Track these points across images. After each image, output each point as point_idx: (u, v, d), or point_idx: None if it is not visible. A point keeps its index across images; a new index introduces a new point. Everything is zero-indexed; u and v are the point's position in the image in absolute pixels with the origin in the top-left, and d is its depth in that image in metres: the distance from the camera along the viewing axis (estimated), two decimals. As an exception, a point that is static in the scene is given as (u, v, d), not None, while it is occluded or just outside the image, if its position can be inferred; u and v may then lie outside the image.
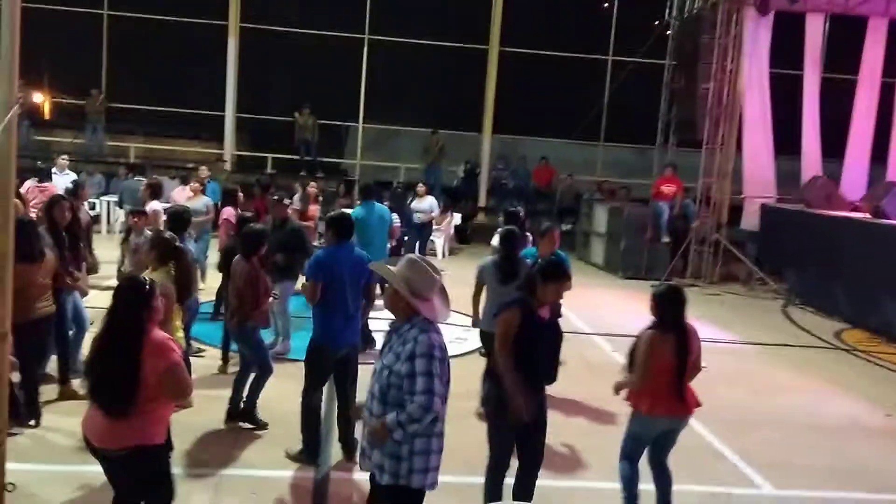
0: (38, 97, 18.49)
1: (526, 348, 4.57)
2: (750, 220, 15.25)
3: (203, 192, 11.30)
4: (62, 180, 12.23)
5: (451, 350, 7.81)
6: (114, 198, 14.65)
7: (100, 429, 3.72)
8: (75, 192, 8.65)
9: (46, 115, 19.69)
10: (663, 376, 4.76)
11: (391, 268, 3.78)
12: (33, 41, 3.99)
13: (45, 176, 12.18)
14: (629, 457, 5.02)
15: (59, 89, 19.00)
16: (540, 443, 4.79)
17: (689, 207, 15.28)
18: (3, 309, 4.03)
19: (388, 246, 9.82)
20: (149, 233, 7.46)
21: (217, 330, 8.07)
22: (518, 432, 4.67)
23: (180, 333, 5.77)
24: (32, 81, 18.29)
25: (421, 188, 14.39)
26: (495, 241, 8.55)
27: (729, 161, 15.24)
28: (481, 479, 4.83)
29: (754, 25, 14.74)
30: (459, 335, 9.21)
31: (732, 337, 10.64)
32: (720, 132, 14.90)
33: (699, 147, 15.19)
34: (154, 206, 9.35)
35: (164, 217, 8.05)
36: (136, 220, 8.44)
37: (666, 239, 14.92)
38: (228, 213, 9.62)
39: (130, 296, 3.75)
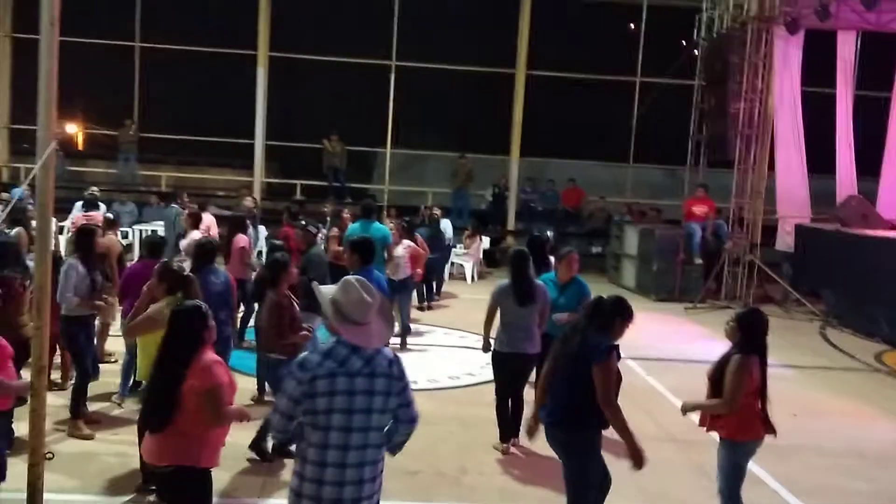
0: (72, 128, 18.82)
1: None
2: (784, 240, 15.01)
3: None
4: (93, 212, 12.38)
5: (483, 375, 7.76)
6: (147, 226, 14.86)
7: (148, 444, 3.96)
8: (112, 223, 8.95)
9: (80, 147, 20.04)
10: (750, 399, 4.73)
11: (325, 289, 3.65)
12: (66, 73, 4.04)
13: (91, 205, 12.39)
14: (735, 494, 4.84)
15: (93, 120, 19.35)
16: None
17: (722, 228, 15.09)
18: (43, 340, 4.08)
19: (408, 272, 9.82)
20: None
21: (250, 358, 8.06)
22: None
23: None
24: (66, 113, 18.66)
25: (437, 211, 14.43)
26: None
27: (761, 181, 15.04)
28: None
29: (784, 44, 14.59)
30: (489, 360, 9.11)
31: (769, 360, 10.38)
32: (752, 152, 14.72)
33: (730, 167, 15.01)
34: (194, 235, 9.43)
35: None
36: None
37: (699, 260, 14.74)
38: (243, 240, 9.48)
39: (187, 320, 3.98)
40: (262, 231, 12.79)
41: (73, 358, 6.83)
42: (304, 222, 9.33)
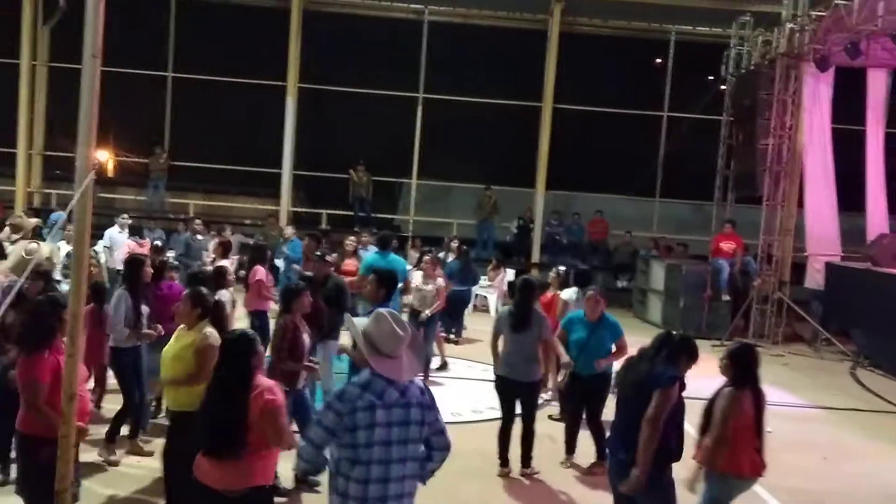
0: (104, 156, 19.11)
1: (678, 422, 4.62)
2: (814, 278, 14.81)
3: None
4: (122, 237, 12.52)
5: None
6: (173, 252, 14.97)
7: (220, 472, 3.97)
8: (161, 249, 9.25)
9: (110, 174, 20.34)
10: (742, 434, 4.68)
11: (358, 321, 3.71)
12: (100, 102, 4.12)
13: (140, 232, 12.57)
14: None
15: (124, 148, 19.64)
16: None
17: (750, 265, 14.94)
18: (75, 369, 4.10)
19: (433, 306, 9.78)
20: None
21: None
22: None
23: None
24: (98, 140, 18.95)
25: (455, 243, 14.41)
26: (566, 294, 8.48)
27: (791, 218, 14.89)
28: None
29: (814, 81, 14.51)
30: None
31: (798, 400, 10.23)
32: (781, 188, 14.60)
33: (758, 203, 14.90)
34: (224, 264, 9.47)
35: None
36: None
37: (726, 297, 14.58)
38: (261, 273, 9.29)
39: (237, 347, 4.10)
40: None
41: (121, 388, 6.75)
42: (319, 253, 9.32)
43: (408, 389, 3.50)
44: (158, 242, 10.24)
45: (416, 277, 10.02)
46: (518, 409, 6.87)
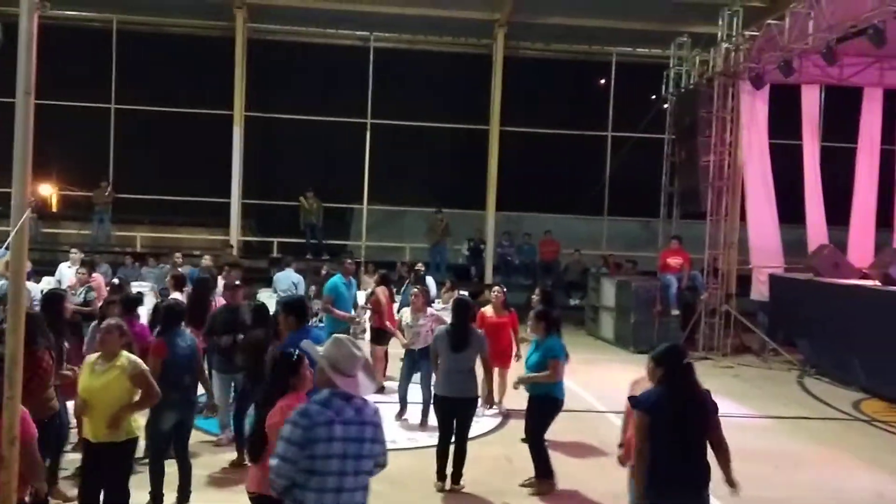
0: (46, 190, 18.74)
1: None
2: (759, 290, 15.14)
3: None
4: (69, 272, 12.25)
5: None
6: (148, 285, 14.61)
7: (249, 472, 4.51)
8: (120, 288, 9.11)
9: (54, 208, 19.94)
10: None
11: (318, 348, 4.03)
12: (41, 135, 4.06)
13: (91, 267, 12.27)
14: None
15: (67, 181, 19.28)
16: None
17: (697, 279, 15.23)
18: (16, 413, 4.00)
19: (428, 341, 9.61)
20: None
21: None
22: None
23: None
24: (40, 175, 18.59)
25: (420, 267, 14.42)
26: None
27: (734, 231, 15.25)
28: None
29: (750, 98, 14.95)
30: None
31: (748, 410, 10.41)
32: (723, 203, 14.96)
33: (703, 218, 15.23)
34: (177, 297, 9.30)
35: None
36: None
37: (675, 311, 14.81)
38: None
39: (283, 364, 4.42)
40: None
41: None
42: (236, 283, 9.14)
43: (363, 409, 3.82)
44: (116, 280, 9.92)
45: (406, 315, 9.44)
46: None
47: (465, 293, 16.82)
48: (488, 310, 9.64)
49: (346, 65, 19.78)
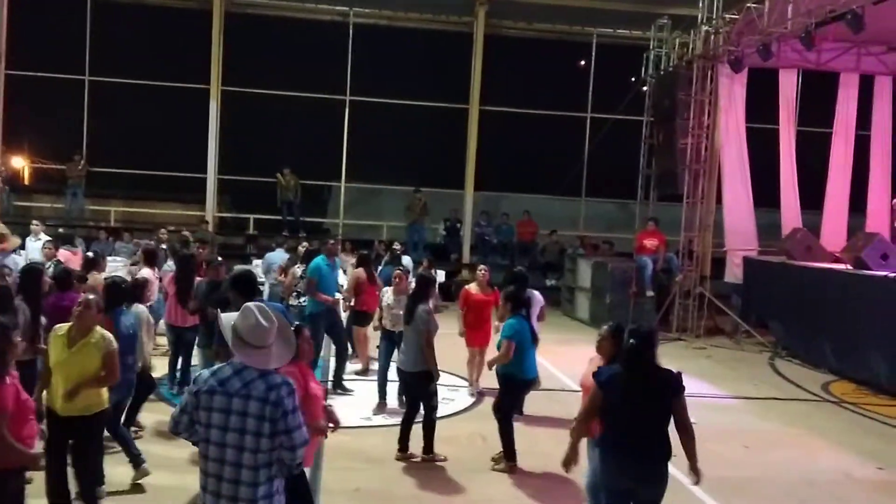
0: (19, 163, 18.44)
1: None
2: (733, 272, 15.31)
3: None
4: (35, 245, 12.10)
5: (439, 411, 7.77)
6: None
7: None
8: (94, 262, 8.91)
9: (26, 181, 19.62)
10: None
11: (227, 316, 3.87)
12: (14, 107, 3.97)
13: (73, 242, 12.14)
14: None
15: (40, 154, 18.97)
16: None
17: (673, 261, 15.35)
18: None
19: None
20: None
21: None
22: None
23: None
24: (13, 147, 18.27)
25: (397, 246, 14.36)
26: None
27: (710, 214, 15.37)
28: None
29: (729, 81, 15.02)
30: (446, 395, 9.08)
31: (721, 391, 10.55)
32: (700, 186, 15.07)
33: (680, 200, 15.32)
34: (147, 273, 9.22)
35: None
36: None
37: (651, 293, 14.93)
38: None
39: None
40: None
41: None
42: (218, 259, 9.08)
43: (252, 382, 3.63)
44: (91, 254, 9.78)
45: (387, 296, 9.08)
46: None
47: (442, 273, 16.95)
48: (473, 287, 9.71)
49: (326, 40, 19.56)
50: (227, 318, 3.80)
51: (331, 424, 5.00)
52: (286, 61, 19.26)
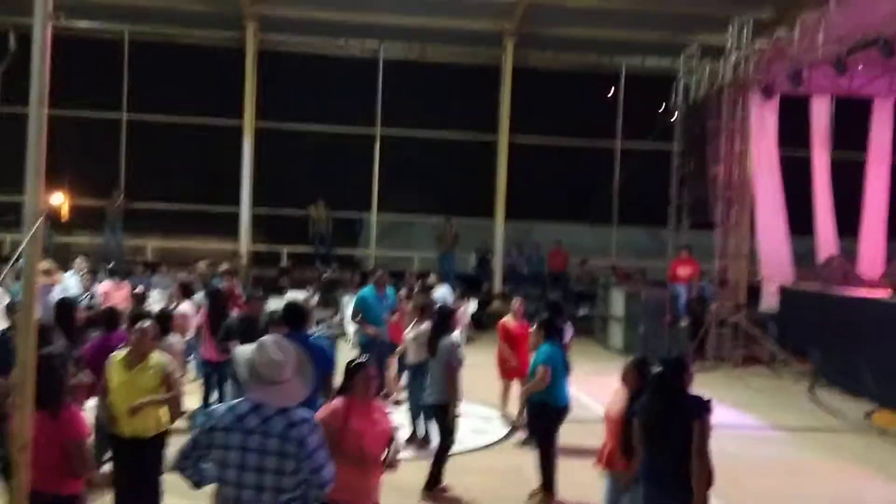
0: (58, 199, 18.82)
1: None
2: (769, 301, 15.08)
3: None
4: (73, 280, 12.31)
5: (471, 442, 7.74)
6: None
7: None
8: (142, 298, 9.25)
9: (65, 218, 20.01)
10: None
11: (243, 350, 3.78)
12: (53, 144, 4.09)
13: (120, 276, 12.38)
14: None
15: (79, 191, 19.37)
16: None
17: (707, 289, 15.19)
18: (25, 418, 4.03)
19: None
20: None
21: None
22: None
23: None
24: (52, 184, 18.68)
25: (433, 278, 14.38)
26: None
27: (743, 242, 15.20)
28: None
29: (760, 109, 14.92)
30: (478, 426, 9.03)
31: (758, 422, 10.37)
32: (732, 213, 14.93)
33: (711, 228, 15.20)
34: (184, 307, 9.33)
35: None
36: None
37: (684, 322, 14.77)
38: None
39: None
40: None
41: None
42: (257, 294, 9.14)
43: (271, 419, 3.50)
44: (140, 289, 9.87)
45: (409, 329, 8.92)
46: None
47: (474, 303, 16.93)
48: (509, 320, 9.60)
49: (356, 75, 19.86)
50: (242, 353, 3.70)
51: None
52: (318, 96, 19.55)
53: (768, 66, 13.97)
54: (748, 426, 9.96)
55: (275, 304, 12.73)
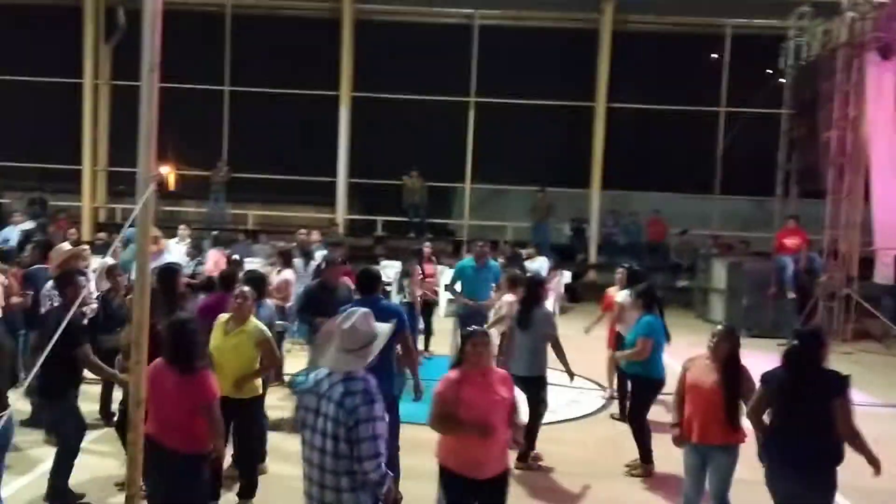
0: (165, 170, 19.58)
1: None
2: (883, 272, 14.34)
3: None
4: (178, 248, 12.75)
5: (565, 413, 7.64)
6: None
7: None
8: (240, 263, 9.21)
9: (172, 187, 20.81)
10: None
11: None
12: (160, 117, 4.21)
13: (224, 244, 12.88)
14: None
15: (183, 161, 20.08)
16: None
17: (816, 261, 14.51)
18: (139, 377, 4.20)
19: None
20: None
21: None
22: None
23: None
24: (159, 155, 19.40)
25: (531, 250, 14.23)
26: (620, 296, 8.29)
27: (856, 211, 14.42)
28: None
29: (877, 70, 14.05)
30: (573, 397, 8.95)
31: (870, 399, 9.87)
32: (845, 181, 14.18)
33: (823, 197, 14.49)
34: (285, 273, 9.55)
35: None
36: None
37: (791, 294, 14.18)
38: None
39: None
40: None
41: None
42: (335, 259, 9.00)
43: (335, 385, 3.67)
44: (237, 256, 10.04)
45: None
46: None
47: (569, 274, 16.72)
48: (613, 290, 9.31)
49: (451, 43, 19.74)
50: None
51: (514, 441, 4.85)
52: (413, 65, 19.56)
53: (887, 24, 13.14)
54: (858, 403, 9.46)
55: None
